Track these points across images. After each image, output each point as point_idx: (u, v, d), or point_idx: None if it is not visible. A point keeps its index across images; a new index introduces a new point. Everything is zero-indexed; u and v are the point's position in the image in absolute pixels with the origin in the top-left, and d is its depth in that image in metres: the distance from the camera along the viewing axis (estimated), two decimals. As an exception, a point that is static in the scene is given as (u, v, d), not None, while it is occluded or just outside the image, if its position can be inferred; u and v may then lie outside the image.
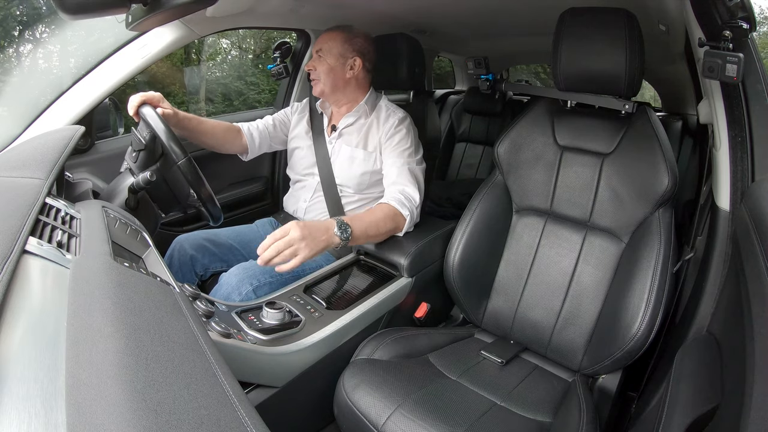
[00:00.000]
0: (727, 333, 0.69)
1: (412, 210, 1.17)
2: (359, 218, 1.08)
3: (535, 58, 2.77)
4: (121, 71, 1.15)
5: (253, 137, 1.36)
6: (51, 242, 0.54)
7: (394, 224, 1.15)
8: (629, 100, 1.04)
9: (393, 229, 1.15)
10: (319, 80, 1.27)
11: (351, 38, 1.27)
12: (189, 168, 0.97)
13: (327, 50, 1.26)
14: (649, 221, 0.99)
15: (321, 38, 1.29)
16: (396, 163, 1.21)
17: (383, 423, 0.82)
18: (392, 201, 1.15)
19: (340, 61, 1.26)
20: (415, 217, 1.19)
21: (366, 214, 1.12)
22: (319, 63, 1.26)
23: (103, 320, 0.40)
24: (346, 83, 1.28)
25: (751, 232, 0.63)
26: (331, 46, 1.26)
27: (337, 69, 1.26)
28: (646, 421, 0.82)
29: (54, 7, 0.66)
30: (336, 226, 1.00)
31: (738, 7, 0.71)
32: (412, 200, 1.18)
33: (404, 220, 1.16)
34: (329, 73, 1.26)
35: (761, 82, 0.85)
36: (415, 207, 1.18)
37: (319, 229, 0.97)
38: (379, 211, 1.13)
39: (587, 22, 1.00)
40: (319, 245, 0.95)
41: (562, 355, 1.07)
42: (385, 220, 1.12)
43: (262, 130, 1.39)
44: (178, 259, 1.20)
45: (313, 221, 0.97)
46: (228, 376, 0.42)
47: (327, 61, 1.26)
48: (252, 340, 0.84)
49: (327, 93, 1.29)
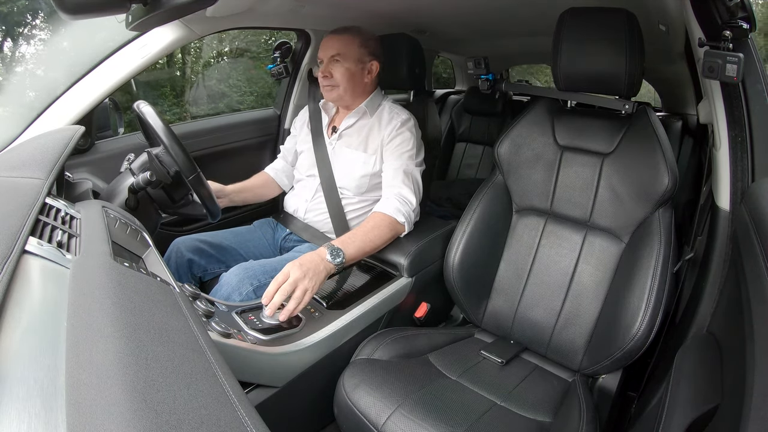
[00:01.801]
0: (727, 333, 0.69)
1: (409, 214, 1.17)
2: (351, 238, 1.06)
3: (535, 58, 2.77)
4: (121, 71, 1.15)
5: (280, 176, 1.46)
6: (51, 242, 0.54)
7: (391, 233, 1.14)
8: (629, 100, 1.05)
9: (391, 238, 1.15)
10: (337, 86, 1.25)
11: (366, 41, 1.25)
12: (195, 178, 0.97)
13: (345, 55, 1.23)
14: (649, 221, 0.99)
15: (334, 43, 1.25)
16: (394, 165, 1.21)
17: (383, 423, 0.82)
18: (388, 208, 1.15)
19: (359, 66, 1.24)
20: (412, 220, 1.19)
21: (359, 231, 1.10)
22: (336, 69, 1.23)
23: (103, 320, 0.40)
24: (364, 87, 1.28)
25: (751, 232, 0.63)
26: (349, 51, 1.23)
27: (357, 74, 1.25)
28: (646, 421, 0.82)
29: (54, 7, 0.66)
30: (327, 252, 0.98)
31: (738, 7, 0.71)
32: (409, 203, 1.17)
33: (402, 227, 1.16)
34: (350, 79, 1.24)
35: (761, 82, 0.85)
36: (412, 210, 1.18)
37: (314, 260, 0.96)
38: (372, 224, 1.12)
39: (587, 22, 1.00)
40: (321, 275, 0.95)
41: (562, 355, 1.07)
42: (380, 231, 1.11)
43: (285, 166, 1.47)
44: (175, 261, 1.20)
45: (305, 255, 0.97)
46: (228, 376, 0.42)
47: (345, 66, 1.23)
48: (252, 340, 0.84)
49: (347, 98, 1.27)
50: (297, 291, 0.90)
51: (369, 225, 1.11)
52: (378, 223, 1.12)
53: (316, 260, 0.96)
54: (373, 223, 1.12)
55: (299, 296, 0.90)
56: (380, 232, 1.11)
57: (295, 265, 0.93)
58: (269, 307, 0.89)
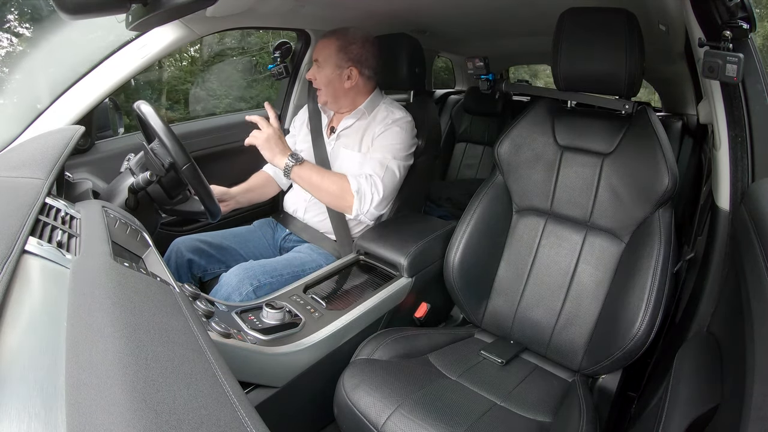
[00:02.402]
0: (727, 333, 0.69)
1: (365, 194, 1.15)
2: (312, 166, 1.19)
3: (535, 58, 2.77)
4: (121, 71, 1.15)
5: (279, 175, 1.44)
6: (51, 242, 0.54)
7: (340, 192, 1.15)
8: (629, 100, 1.04)
9: (337, 197, 1.16)
10: (321, 90, 1.27)
11: (346, 46, 1.24)
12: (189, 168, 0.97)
13: (323, 60, 1.24)
14: (649, 221, 0.99)
15: (318, 46, 1.27)
16: (374, 156, 1.21)
17: (383, 423, 0.82)
18: (351, 177, 1.17)
19: (337, 72, 1.24)
20: (368, 205, 1.17)
21: (320, 168, 1.21)
22: (318, 73, 1.26)
23: (103, 320, 0.40)
24: (345, 93, 1.27)
25: (751, 232, 0.63)
26: (327, 56, 1.24)
27: (335, 80, 1.25)
28: (646, 421, 0.82)
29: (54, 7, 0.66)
30: (290, 154, 1.14)
31: (738, 7, 0.71)
32: (374, 186, 1.16)
33: (351, 197, 1.15)
34: (328, 85, 1.25)
35: (761, 82, 0.85)
36: (374, 193, 1.16)
37: (279, 145, 1.14)
38: (333, 174, 1.20)
39: (587, 22, 1.00)
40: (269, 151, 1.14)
41: (562, 355, 1.07)
42: (332, 182, 1.16)
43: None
44: (175, 262, 1.20)
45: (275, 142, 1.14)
46: (228, 376, 0.42)
47: (325, 72, 1.24)
48: (252, 340, 0.84)
49: (330, 103, 1.30)
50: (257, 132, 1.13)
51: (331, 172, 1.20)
52: (337, 178, 1.17)
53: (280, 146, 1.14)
54: (335, 174, 1.19)
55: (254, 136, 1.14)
56: (332, 183, 1.16)
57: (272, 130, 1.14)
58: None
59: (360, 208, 1.16)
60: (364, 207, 1.16)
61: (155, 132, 0.94)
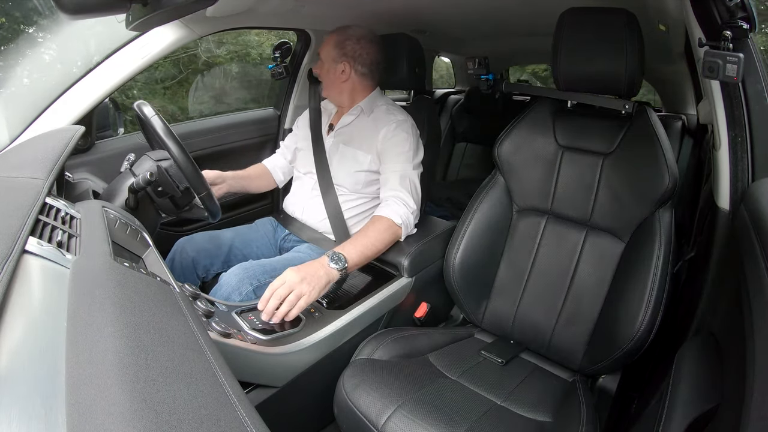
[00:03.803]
0: (727, 333, 0.69)
1: (407, 217, 1.16)
2: (352, 243, 1.06)
3: (535, 58, 2.77)
4: (121, 71, 1.15)
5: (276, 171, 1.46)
6: (51, 242, 0.54)
7: (392, 236, 1.14)
8: (629, 99, 1.04)
9: (391, 241, 1.15)
10: (323, 84, 1.31)
11: (342, 42, 1.26)
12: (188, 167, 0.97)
13: (323, 55, 1.28)
14: (649, 221, 0.99)
15: (323, 42, 1.31)
16: (392, 169, 1.21)
17: (383, 423, 0.82)
18: (386, 211, 1.14)
19: (333, 66, 1.27)
20: (411, 223, 1.19)
21: (359, 236, 1.09)
22: (320, 67, 1.30)
23: (103, 320, 0.40)
24: (341, 88, 1.30)
25: (751, 232, 0.63)
26: (326, 51, 1.28)
27: (331, 73, 1.28)
28: (646, 421, 0.82)
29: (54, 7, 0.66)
30: (328, 258, 0.98)
31: (738, 7, 0.71)
32: (407, 206, 1.17)
33: (400, 230, 1.15)
34: (325, 77, 1.29)
35: (761, 82, 0.85)
36: (411, 213, 1.17)
37: (313, 266, 0.96)
38: (372, 228, 1.11)
39: (587, 22, 1.00)
40: (321, 281, 0.94)
41: (562, 355, 1.07)
42: (379, 234, 1.10)
43: (282, 162, 1.48)
44: (179, 261, 1.20)
45: (305, 263, 0.97)
46: (228, 376, 0.42)
47: (324, 65, 1.28)
48: (252, 340, 0.84)
49: (332, 97, 1.34)
50: (291, 295, 0.90)
51: (368, 228, 1.12)
52: (377, 226, 1.12)
53: (315, 266, 0.96)
54: (373, 226, 1.12)
55: (293, 300, 0.90)
56: (379, 234, 1.11)
57: (292, 270, 0.93)
58: (264, 312, 0.89)
59: (407, 231, 1.19)
60: (410, 228, 1.20)
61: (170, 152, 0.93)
